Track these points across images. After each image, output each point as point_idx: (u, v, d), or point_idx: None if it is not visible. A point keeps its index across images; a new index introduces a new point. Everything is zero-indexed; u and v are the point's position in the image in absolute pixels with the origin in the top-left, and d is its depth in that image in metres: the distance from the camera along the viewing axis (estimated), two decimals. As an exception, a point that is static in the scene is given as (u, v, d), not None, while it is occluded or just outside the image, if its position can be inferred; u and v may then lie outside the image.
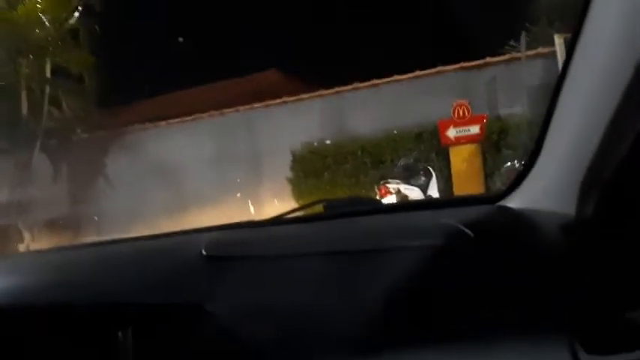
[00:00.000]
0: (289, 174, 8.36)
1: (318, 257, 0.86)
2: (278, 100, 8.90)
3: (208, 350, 0.79)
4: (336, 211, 1.15)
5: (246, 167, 8.75)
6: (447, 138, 7.37)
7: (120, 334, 0.80)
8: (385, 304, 0.78)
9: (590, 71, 0.76)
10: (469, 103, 7.38)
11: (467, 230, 0.85)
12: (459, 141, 7.33)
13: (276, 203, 8.09)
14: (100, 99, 9.64)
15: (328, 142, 8.19)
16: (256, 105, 9.04)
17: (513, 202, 0.97)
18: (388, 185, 6.05)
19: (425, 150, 7.45)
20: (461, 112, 7.36)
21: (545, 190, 0.90)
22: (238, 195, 8.51)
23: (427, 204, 1.40)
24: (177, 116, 9.56)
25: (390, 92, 8.10)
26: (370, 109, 8.04)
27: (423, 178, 6.42)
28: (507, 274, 0.80)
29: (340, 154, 7.95)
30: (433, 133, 7.48)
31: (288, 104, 8.82)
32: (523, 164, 0.96)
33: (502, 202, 0.99)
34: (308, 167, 8.15)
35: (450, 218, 0.89)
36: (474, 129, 7.30)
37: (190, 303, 0.82)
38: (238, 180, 8.62)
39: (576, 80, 0.80)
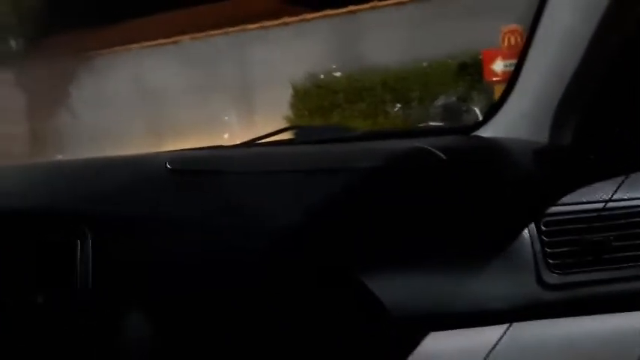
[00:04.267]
0: (289, 112, 7.05)
1: (283, 174, 0.86)
2: (276, 22, 7.52)
3: (169, 260, 0.78)
4: (307, 137, 1.16)
5: (236, 102, 7.55)
6: (493, 72, 5.93)
7: (79, 242, 0.77)
8: (350, 220, 0.79)
9: (566, 5, 0.82)
10: (523, 29, 5.91)
11: (439, 153, 0.86)
12: (508, 77, 5.88)
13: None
14: (64, 21, 8.21)
15: (338, 74, 6.84)
16: (250, 27, 7.72)
17: (487, 132, 1.00)
18: (430, 129, 4.67)
19: (463, 86, 6.10)
20: (512, 41, 5.88)
21: (519, 120, 0.95)
22: (225, 136, 7.23)
23: (402, 133, 1.30)
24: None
25: (418, 13, 6.69)
26: (392, 34, 6.67)
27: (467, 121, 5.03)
28: (477, 196, 0.82)
29: (354, 89, 6.59)
30: (475, 65, 6.08)
31: (289, 26, 7.46)
32: (500, 96, 0.98)
33: (476, 133, 1.02)
34: (313, 104, 6.81)
35: (424, 145, 0.90)
36: (528, 62, 5.86)
37: (152, 214, 0.82)
38: (226, 118, 7.42)
39: (553, 14, 0.85)
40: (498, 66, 5.94)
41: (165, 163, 0.87)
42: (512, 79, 0.96)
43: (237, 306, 0.76)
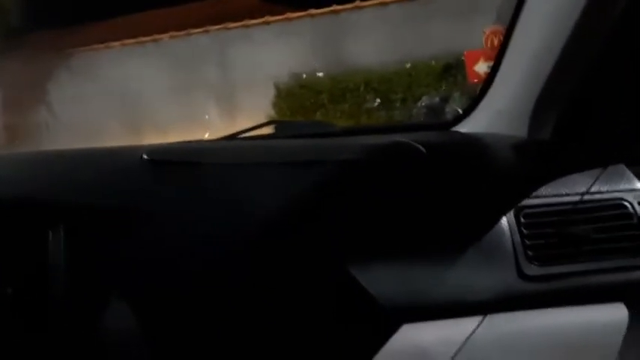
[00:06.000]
0: (271, 112, 6.95)
1: (262, 166, 0.85)
2: (259, 21, 7.40)
3: (145, 252, 0.76)
4: (288, 132, 1.15)
5: (217, 101, 7.42)
6: (476, 74, 5.89)
7: (50, 233, 0.75)
8: (329, 211, 0.78)
9: (544, 3, 0.82)
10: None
11: (419, 147, 0.85)
12: (491, 78, 5.87)
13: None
14: (44, 18, 7.98)
15: (321, 74, 6.74)
16: (231, 25, 7.60)
17: (467, 127, 1.00)
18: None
19: (446, 88, 6.04)
20: (495, 42, 5.81)
21: (498, 115, 0.95)
22: (206, 136, 7.11)
23: (382, 128, 1.37)
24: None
25: (401, 13, 6.60)
26: (375, 34, 6.61)
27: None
28: (457, 189, 0.82)
29: (337, 89, 6.50)
30: (458, 66, 6.04)
31: (272, 26, 7.34)
32: (479, 91, 0.98)
33: (456, 128, 1.02)
34: (296, 104, 6.69)
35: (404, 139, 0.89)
36: (511, 64, 5.83)
37: (127, 205, 0.79)
38: (206, 117, 7.30)
39: (531, 11, 0.85)
40: (481, 67, 5.89)
41: (142, 155, 0.85)
42: (490, 74, 0.96)
43: (216, 298, 0.75)
